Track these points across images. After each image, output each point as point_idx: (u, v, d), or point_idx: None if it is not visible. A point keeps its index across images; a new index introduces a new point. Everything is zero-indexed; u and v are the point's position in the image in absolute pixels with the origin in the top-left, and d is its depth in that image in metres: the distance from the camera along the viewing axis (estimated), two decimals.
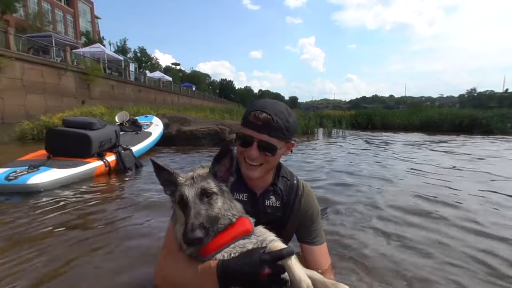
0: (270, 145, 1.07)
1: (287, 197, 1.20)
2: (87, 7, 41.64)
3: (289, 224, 1.22)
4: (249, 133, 1.07)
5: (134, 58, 41.62)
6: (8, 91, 12.11)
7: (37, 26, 25.38)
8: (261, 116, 1.04)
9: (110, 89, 20.36)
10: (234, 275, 0.83)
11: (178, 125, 7.59)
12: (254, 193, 1.17)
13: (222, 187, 0.98)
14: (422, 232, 1.93)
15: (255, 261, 0.83)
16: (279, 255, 0.83)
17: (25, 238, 1.77)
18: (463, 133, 11.13)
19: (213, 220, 0.89)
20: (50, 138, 3.37)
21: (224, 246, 0.91)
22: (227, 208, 0.96)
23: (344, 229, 1.98)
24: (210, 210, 0.90)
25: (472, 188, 3.05)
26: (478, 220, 2.15)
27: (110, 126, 4.01)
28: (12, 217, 2.13)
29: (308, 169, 4.06)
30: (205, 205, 0.91)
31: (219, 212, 0.92)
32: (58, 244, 1.71)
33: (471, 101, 71.01)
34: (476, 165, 4.52)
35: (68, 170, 3.10)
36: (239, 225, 0.97)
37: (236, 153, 1.17)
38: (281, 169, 1.24)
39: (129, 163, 3.83)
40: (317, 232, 1.23)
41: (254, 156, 1.07)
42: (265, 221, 1.11)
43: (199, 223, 0.84)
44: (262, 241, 0.94)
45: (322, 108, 57.12)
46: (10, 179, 2.75)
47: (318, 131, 11.31)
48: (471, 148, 6.87)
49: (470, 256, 1.61)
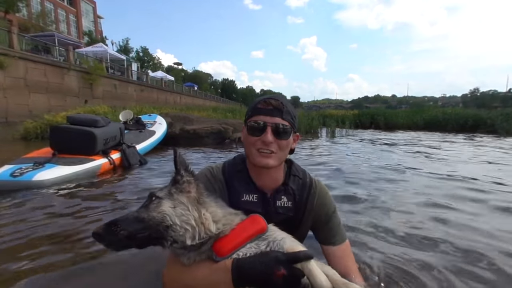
0: (284, 128, 1.05)
1: (299, 196, 1.14)
2: (89, 7, 41.79)
3: (302, 224, 1.17)
4: (261, 119, 1.04)
5: (137, 58, 41.72)
6: (12, 91, 12.16)
7: (40, 26, 25.48)
8: (272, 102, 1.06)
9: (113, 89, 20.42)
10: (248, 274, 0.80)
11: (182, 124, 7.57)
12: (264, 194, 1.12)
13: (171, 190, 0.91)
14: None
15: (270, 261, 0.80)
16: (295, 257, 0.80)
17: (30, 235, 1.74)
18: (468, 133, 11.06)
19: (142, 223, 0.82)
20: (54, 135, 3.35)
21: (240, 246, 0.88)
22: (181, 214, 0.86)
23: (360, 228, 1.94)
24: (144, 213, 0.85)
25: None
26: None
27: (115, 124, 4.00)
28: (17, 213, 2.12)
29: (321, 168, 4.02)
30: (141, 208, 0.88)
31: (163, 217, 0.84)
32: (65, 241, 1.69)
33: (474, 101, 70.73)
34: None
35: (73, 167, 3.08)
36: (254, 224, 0.94)
37: (244, 149, 1.14)
38: (292, 167, 1.19)
39: (134, 159, 3.82)
40: (335, 231, 1.17)
41: (270, 139, 1.03)
42: (276, 222, 1.06)
43: (112, 221, 0.82)
44: (274, 240, 0.90)
45: (324, 108, 56.97)
46: (15, 175, 2.73)
47: (322, 131, 11.27)
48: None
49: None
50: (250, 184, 1.13)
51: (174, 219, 0.85)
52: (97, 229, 0.82)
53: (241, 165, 1.18)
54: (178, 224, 0.85)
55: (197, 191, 0.95)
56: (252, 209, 1.08)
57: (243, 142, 1.15)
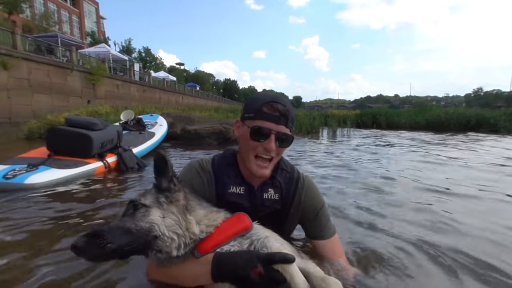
0: (287, 136, 1.05)
1: (286, 190, 1.16)
2: (92, 8, 42.02)
3: (289, 217, 1.19)
4: (267, 125, 1.02)
5: (139, 58, 41.83)
6: (15, 91, 12.25)
7: (43, 27, 25.65)
8: (278, 107, 1.02)
9: (115, 89, 20.51)
10: (227, 268, 0.81)
11: (183, 124, 7.61)
12: (251, 186, 1.13)
13: (160, 199, 0.88)
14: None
15: (250, 257, 0.81)
16: (271, 257, 0.80)
17: (21, 237, 1.72)
18: (471, 132, 10.99)
19: (130, 235, 0.79)
20: (51, 136, 3.34)
21: (222, 244, 0.90)
22: (171, 224, 0.84)
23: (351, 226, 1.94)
24: (129, 222, 0.80)
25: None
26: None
27: (112, 127, 3.98)
28: (7, 216, 2.07)
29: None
30: (125, 217, 0.83)
31: (151, 227, 0.81)
32: (57, 244, 1.63)
33: (477, 100, 70.26)
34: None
35: (67, 171, 3.07)
36: (238, 222, 0.95)
37: (240, 147, 1.14)
38: (280, 161, 1.19)
39: (131, 163, 3.80)
40: (324, 225, 1.19)
41: (273, 148, 1.03)
42: (263, 214, 1.10)
43: (92, 232, 0.76)
44: (258, 239, 0.91)
45: (326, 108, 56.75)
46: (8, 177, 2.70)
47: (323, 131, 11.25)
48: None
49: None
50: (238, 177, 1.14)
51: (163, 229, 0.83)
52: (78, 242, 0.74)
53: (231, 158, 1.19)
54: (166, 235, 0.83)
55: (185, 198, 0.94)
56: (238, 201, 1.10)
57: (239, 139, 1.14)
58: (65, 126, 3.51)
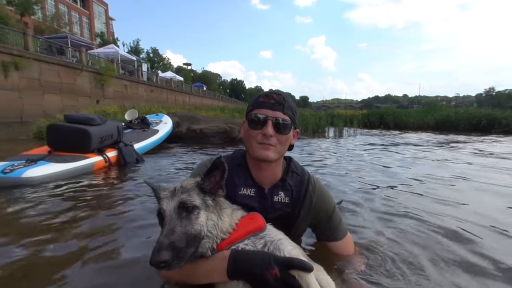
0: (285, 122, 1.06)
1: (297, 192, 1.15)
2: (102, 9, 42.75)
3: (299, 220, 1.18)
4: (263, 112, 1.05)
5: (147, 59, 42.34)
6: (27, 91, 12.57)
7: (54, 28, 26.20)
8: (273, 96, 1.07)
9: (124, 89, 20.82)
10: (244, 265, 0.81)
11: (188, 124, 7.65)
12: (262, 189, 1.13)
13: (207, 201, 0.89)
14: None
15: (267, 257, 0.81)
16: (290, 262, 0.79)
17: (21, 232, 1.74)
18: (481, 133, 10.74)
19: (192, 240, 0.80)
20: (51, 133, 3.39)
21: (237, 242, 0.90)
22: (212, 226, 0.86)
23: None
24: (189, 226, 0.81)
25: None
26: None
27: (111, 122, 4.00)
28: (6, 211, 2.10)
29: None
30: (183, 221, 0.81)
31: (201, 229, 0.83)
32: (58, 238, 1.66)
33: (489, 100, 68.50)
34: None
35: (66, 165, 3.10)
36: (253, 221, 0.95)
37: (245, 143, 1.15)
38: (291, 164, 1.20)
39: (130, 157, 3.84)
40: (336, 227, 1.19)
41: (270, 132, 1.04)
42: (273, 217, 1.09)
43: (168, 243, 0.74)
44: (272, 240, 0.90)
45: (334, 108, 56.37)
46: (5, 172, 2.73)
47: (329, 130, 11.17)
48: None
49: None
50: (248, 178, 1.14)
51: (206, 231, 0.85)
52: (162, 256, 0.72)
53: (241, 159, 1.19)
54: (208, 236, 0.86)
55: (221, 201, 0.97)
56: (249, 203, 1.10)
57: (243, 137, 1.16)
58: (64, 122, 3.57)
